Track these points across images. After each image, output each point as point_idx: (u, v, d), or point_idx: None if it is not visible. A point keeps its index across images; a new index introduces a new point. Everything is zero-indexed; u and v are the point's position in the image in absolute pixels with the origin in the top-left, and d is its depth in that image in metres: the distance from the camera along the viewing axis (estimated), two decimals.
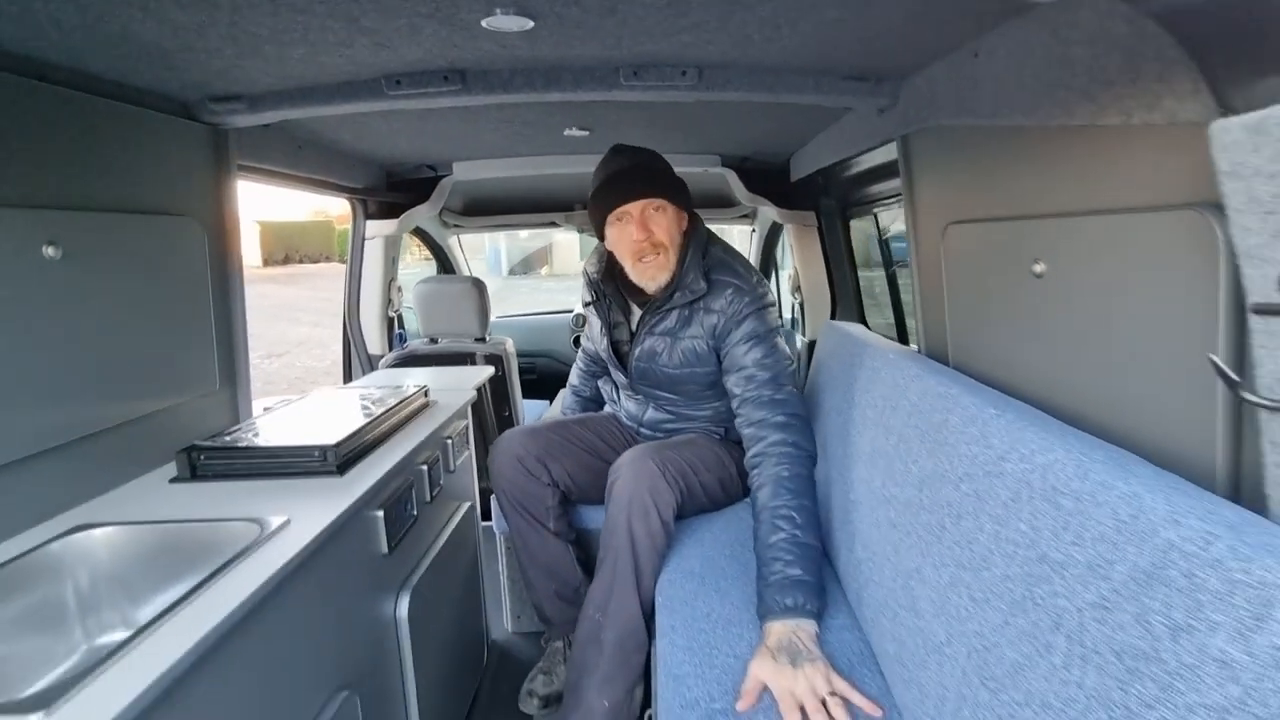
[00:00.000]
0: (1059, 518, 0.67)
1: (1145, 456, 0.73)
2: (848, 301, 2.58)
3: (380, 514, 1.21)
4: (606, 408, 1.95)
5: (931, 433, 1.01)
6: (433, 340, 2.76)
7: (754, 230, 3.57)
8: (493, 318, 2.86)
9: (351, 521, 1.10)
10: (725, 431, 1.71)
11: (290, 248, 23.60)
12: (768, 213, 2.73)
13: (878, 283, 2.49)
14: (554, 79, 1.28)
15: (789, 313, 3.21)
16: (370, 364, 2.76)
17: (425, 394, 1.70)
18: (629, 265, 1.58)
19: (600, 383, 1.98)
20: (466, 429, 1.85)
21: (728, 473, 1.64)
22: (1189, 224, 0.69)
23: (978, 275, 1.17)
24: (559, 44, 1.12)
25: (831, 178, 2.30)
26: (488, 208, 3.40)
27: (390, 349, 2.83)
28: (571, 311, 3.71)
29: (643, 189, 1.52)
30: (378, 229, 2.65)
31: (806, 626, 1.14)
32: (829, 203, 2.49)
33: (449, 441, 1.64)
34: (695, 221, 1.63)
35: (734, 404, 1.52)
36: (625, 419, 1.82)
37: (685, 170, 1.78)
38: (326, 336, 9.77)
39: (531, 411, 3.07)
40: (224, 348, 1.46)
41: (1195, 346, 0.68)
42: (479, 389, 2.00)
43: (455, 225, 3.48)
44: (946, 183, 1.29)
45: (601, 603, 1.41)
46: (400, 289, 2.90)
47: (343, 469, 1.19)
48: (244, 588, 0.81)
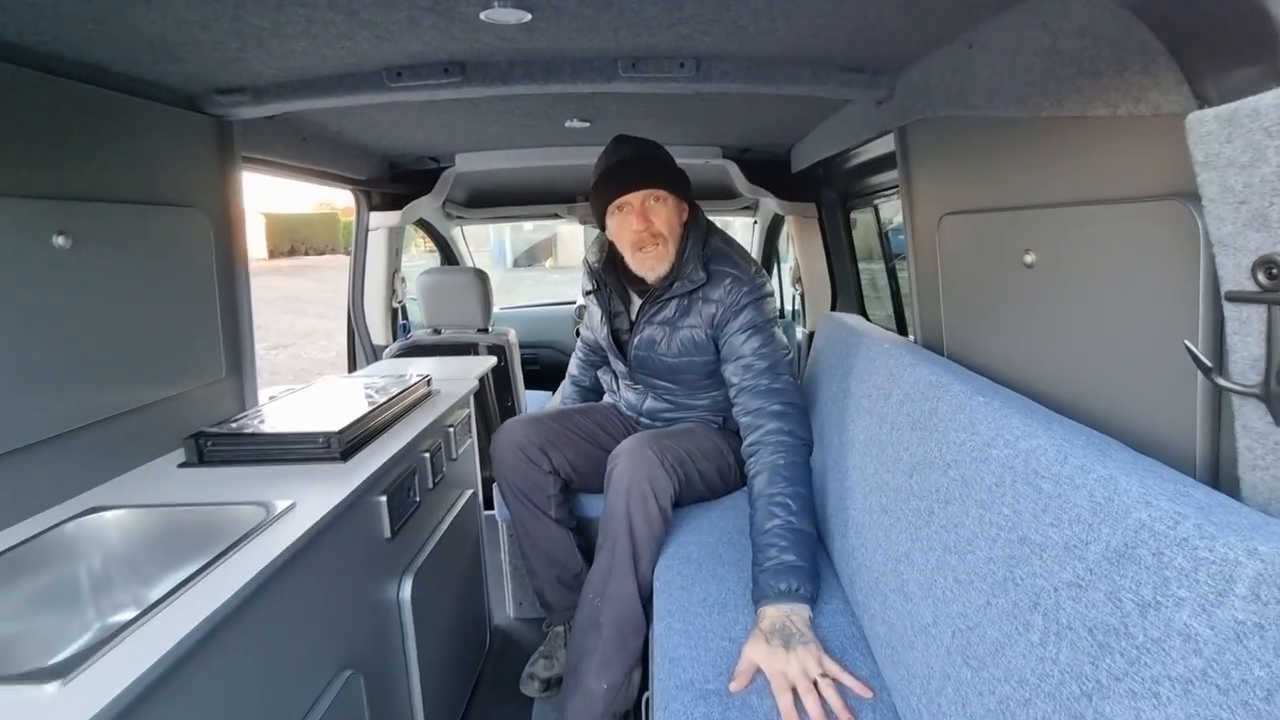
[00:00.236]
0: (1039, 501, 0.69)
1: (1129, 441, 0.75)
2: (848, 293, 2.59)
3: (383, 499, 1.24)
4: (606, 397, 1.97)
5: (922, 420, 1.03)
6: (436, 331, 2.79)
7: (756, 222, 3.57)
8: (496, 309, 2.89)
9: (355, 506, 1.13)
10: (723, 421, 1.73)
11: (296, 240, 23.68)
12: (769, 204, 2.74)
13: (879, 276, 2.50)
14: (553, 71, 1.30)
15: (790, 304, 3.22)
16: (375, 354, 2.79)
17: (428, 383, 1.72)
18: (629, 255, 1.59)
19: (600, 372, 2.00)
20: (469, 418, 1.88)
21: (725, 461, 1.66)
22: (1171, 214, 0.70)
23: (971, 266, 1.19)
24: (557, 36, 1.14)
25: (832, 169, 2.31)
26: (490, 199, 3.41)
27: (394, 339, 2.86)
28: (575, 303, 3.73)
29: (643, 179, 1.54)
30: (381, 220, 2.68)
31: (800, 611, 1.16)
32: (829, 194, 2.49)
33: (451, 430, 1.67)
34: (695, 212, 1.64)
35: (731, 393, 1.54)
36: (624, 408, 1.84)
37: (686, 162, 1.79)
38: (332, 328, 9.82)
39: (534, 402, 3.09)
40: (230, 337, 1.48)
41: (1176, 333, 0.69)
42: (481, 379, 2.03)
43: (458, 217, 3.50)
44: (942, 174, 1.30)
45: (600, 588, 1.44)
46: (404, 280, 2.92)
47: (346, 455, 1.22)
48: (250, 568, 0.84)
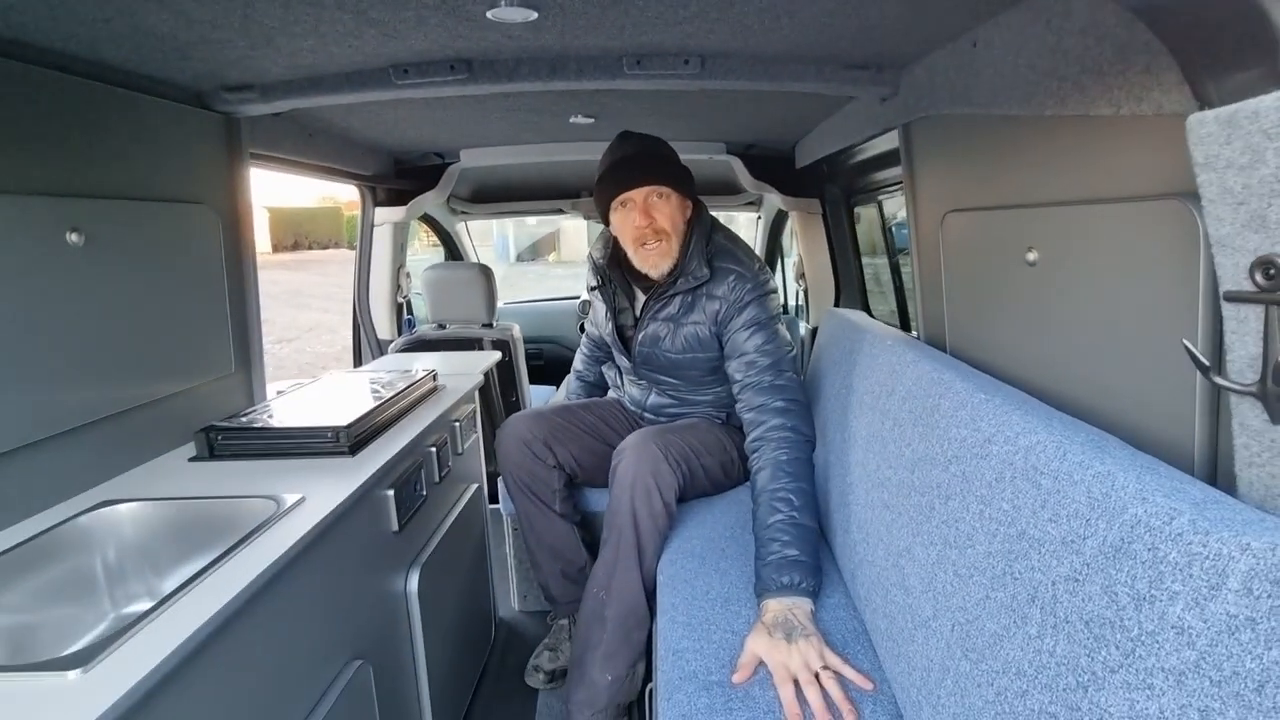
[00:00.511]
0: (1038, 496, 0.70)
1: (1129, 438, 0.76)
2: (851, 289, 2.60)
3: (391, 493, 1.26)
4: (610, 392, 1.98)
5: (924, 416, 1.04)
6: (441, 326, 2.80)
7: (759, 217, 3.57)
8: (500, 304, 2.90)
9: (363, 500, 1.15)
10: (726, 416, 1.74)
11: (300, 234, 23.69)
12: (773, 200, 2.74)
13: (882, 271, 2.50)
14: (558, 68, 1.31)
15: (793, 299, 3.23)
16: (380, 349, 2.80)
17: (434, 378, 1.74)
18: (631, 251, 1.60)
19: (604, 368, 2.01)
20: (474, 413, 1.89)
21: (729, 456, 1.68)
22: (1171, 213, 0.71)
23: (975, 263, 1.19)
24: (563, 34, 1.14)
25: (836, 165, 2.31)
26: (494, 194, 3.42)
27: (399, 334, 2.87)
28: (579, 298, 3.74)
29: (646, 176, 1.54)
30: (386, 216, 2.69)
31: (802, 604, 1.17)
32: (833, 190, 2.50)
33: (457, 424, 1.69)
34: (699, 209, 1.65)
35: (735, 389, 1.55)
36: (629, 403, 1.86)
37: (691, 157, 1.79)
38: (336, 322, 9.85)
39: (538, 397, 3.11)
40: (239, 332, 1.50)
41: (1176, 332, 0.70)
42: (486, 374, 2.04)
43: (462, 212, 3.51)
44: (946, 172, 1.30)
45: (605, 581, 1.46)
46: (409, 275, 2.94)
47: (354, 450, 1.24)
48: (262, 560, 0.85)
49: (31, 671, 0.66)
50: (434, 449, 1.50)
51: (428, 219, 3.36)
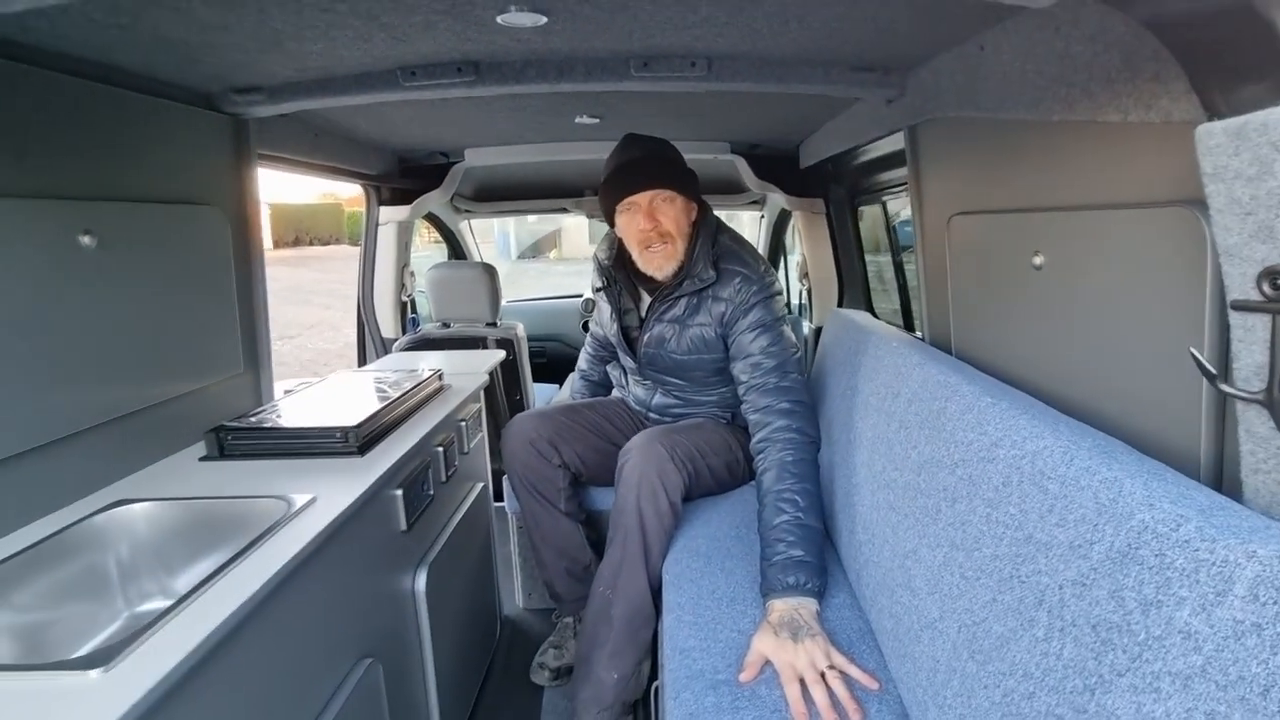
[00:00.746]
0: (1045, 501, 0.71)
1: (1135, 444, 0.76)
2: (855, 288, 2.60)
3: (399, 493, 1.27)
4: (615, 392, 1.99)
5: (931, 419, 1.05)
6: (445, 324, 2.81)
7: (763, 216, 3.58)
8: (503, 302, 2.91)
9: (373, 500, 1.15)
10: (732, 416, 1.75)
11: (300, 230, 23.67)
12: (777, 199, 2.75)
13: (885, 269, 2.51)
14: (565, 70, 1.31)
15: (797, 299, 3.23)
16: (384, 347, 2.81)
17: (440, 378, 1.74)
18: (636, 253, 1.61)
19: (609, 368, 2.02)
20: (480, 412, 1.90)
21: (734, 456, 1.68)
22: (1179, 220, 0.71)
23: (980, 266, 1.20)
24: (571, 38, 1.15)
25: (840, 166, 2.31)
26: (499, 193, 3.43)
27: (403, 333, 2.88)
28: (581, 296, 3.75)
29: (651, 180, 1.55)
30: (391, 214, 2.69)
31: (808, 604, 1.18)
32: (838, 190, 2.50)
33: (463, 424, 1.70)
34: (705, 211, 1.65)
35: (740, 390, 1.56)
36: (634, 403, 1.87)
37: (695, 157, 1.80)
38: (337, 319, 9.85)
39: (542, 395, 3.12)
40: (247, 331, 1.51)
41: (1182, 339, 0.71)
42: (491, 373, 2.05)
43: (466, 210, 3.52)
44: (952, 174, 1.31)
45: (611, 580, 1.47)
46: (413, 274, 2.94)
47: (363, 450, 1.25)
48: (275, 561, 0.86)
49: (53, 670, 0.67)
50: (441, 449, 1.51)
51: (431, 217, 3.36)
